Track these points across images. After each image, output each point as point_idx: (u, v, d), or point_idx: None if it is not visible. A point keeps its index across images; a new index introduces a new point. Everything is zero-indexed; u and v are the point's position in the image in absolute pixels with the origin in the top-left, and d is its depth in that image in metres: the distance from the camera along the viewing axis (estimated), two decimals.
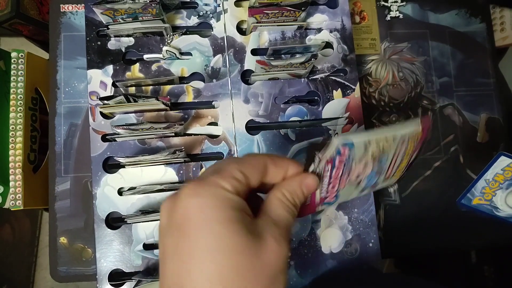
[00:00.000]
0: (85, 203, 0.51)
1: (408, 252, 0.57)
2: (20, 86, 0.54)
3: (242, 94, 0.48)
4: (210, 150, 0.48)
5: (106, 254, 0.44)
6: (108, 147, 0.46)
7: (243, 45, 0.50)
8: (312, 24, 0.51)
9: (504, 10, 0.65)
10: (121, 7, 0.44)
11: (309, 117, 0.49)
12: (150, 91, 0.48)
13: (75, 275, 0.50)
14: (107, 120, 0.47)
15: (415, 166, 0.58)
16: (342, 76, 0.50)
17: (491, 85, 0.61)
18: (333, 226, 0.48)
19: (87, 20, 0.48)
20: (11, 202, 0.52)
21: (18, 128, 0.53)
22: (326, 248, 0.47)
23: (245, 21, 0.50)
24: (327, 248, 0.47)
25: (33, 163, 0.56)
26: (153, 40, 0.49)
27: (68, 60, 0.53)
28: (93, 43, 0.47)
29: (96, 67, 0.47)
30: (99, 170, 0.45)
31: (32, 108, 0.56)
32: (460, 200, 0.52)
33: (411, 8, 0.61)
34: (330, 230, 0.48)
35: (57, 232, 0.50)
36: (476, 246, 0.59)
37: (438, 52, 0.60)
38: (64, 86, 0.52)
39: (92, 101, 0.47)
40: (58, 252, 0.50)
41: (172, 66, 0.48)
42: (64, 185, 0.51)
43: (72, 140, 0.52)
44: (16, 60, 0.55)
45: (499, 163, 0.49)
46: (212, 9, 0.50)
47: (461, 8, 0.62)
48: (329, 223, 0.48)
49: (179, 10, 0.50)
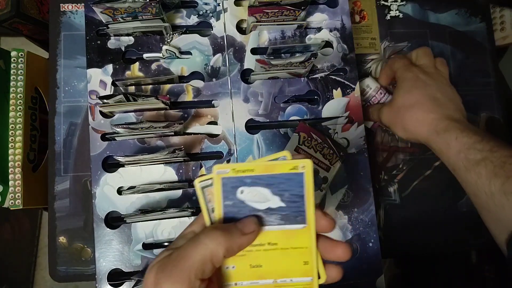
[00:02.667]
0: (85, 202, 0.51)
1: (408, 252, 0.56)
2: (20, 85, 0.54)
3: (241, 93, 0.48)
4: (209, 149, 0.48)
5: (106, 253, 0.44)
6: (107, 146, 0.46)
7: (243, 44, 0.50)
8: (312, 23, 0.51)
9: (504, 9, 0.65)
10: (121, 6, 0.44)
11: (309, 117, 0.49)
12: (149, 90, 0.48)
13: (75, 274, 0.50)
14: (107, 119, 0.46)
15: (415, 165, 0.58)
16: (342, 75, 0.50)
17: (491, 85, 0.61)
18: None
19: (87, 19, 0.48)
20: (11, 201, 0.52)
21: (17, 127, 0.53)
22: None
23: (245, 20, 0.50)
24: None
25: (33, 162, 0.55)
26: (153, 39, 0.49)
27: (68, 59, 0.53)
28: (93, 42, 0.47)
29: (96, 66, 0.47)
30: (99, 169, 0.45)
31: (32, 107, 0.56)
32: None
33: (411, 7, 0.61)
34: None
35: (57, 232, 0.50)
36: (476, 246, 0.59)
37: (438, 52, 0.60)
38: (63, 85, 0.52)
39: (92, 100, 0.47)
40: (57, 252, 0.50)
41: (172, 65, 0.48)
42: (64, 185, 0.51)
43: (71, 139, 0.52)
44: (16, 59, 0.55)
45: None
46: (212, 8, 0.50)
47: (461, 8, 0.62)
48: None
49: (179, 9, 0.50)
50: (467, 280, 0.79)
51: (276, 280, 0.28)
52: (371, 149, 0.56)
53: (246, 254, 0.28)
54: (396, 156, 0.57)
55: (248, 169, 0.28)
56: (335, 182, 0.48)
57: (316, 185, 0.47)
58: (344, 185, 0.48)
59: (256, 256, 0.28)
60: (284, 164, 0.28)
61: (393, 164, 0.57)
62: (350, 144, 0.49)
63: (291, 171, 0.28)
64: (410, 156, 0.57)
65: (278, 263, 0.28)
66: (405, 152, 0.57)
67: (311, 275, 0.28)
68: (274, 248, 0.28)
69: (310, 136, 0.48)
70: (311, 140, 0.48)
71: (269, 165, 0.28)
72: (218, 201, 0.28)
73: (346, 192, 0.48)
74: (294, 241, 0.28)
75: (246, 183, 0.28)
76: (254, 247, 0.28)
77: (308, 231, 0.28)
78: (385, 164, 0.57)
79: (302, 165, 0.28)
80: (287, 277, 0.28)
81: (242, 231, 0.27)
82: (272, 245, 0.28)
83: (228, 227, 0.27)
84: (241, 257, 0.28)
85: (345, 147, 0.49)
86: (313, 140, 0.48)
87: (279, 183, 0.28)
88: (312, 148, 0.48)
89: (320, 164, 0.47)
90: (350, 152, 0.49)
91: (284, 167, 0.28)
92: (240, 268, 0.28)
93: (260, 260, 0.28)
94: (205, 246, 0.26)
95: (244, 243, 0.27)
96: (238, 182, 0.28)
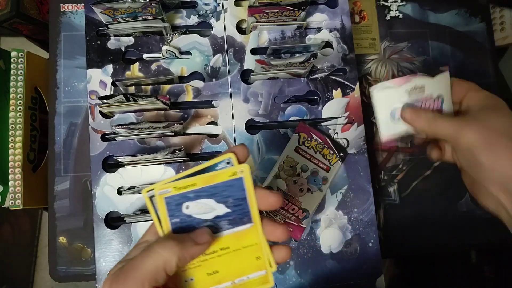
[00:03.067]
0: (85, 202, 0.51)
1: (408, 252, 0.56)
2: (20, 85, 0.54)
3: (241, 94, 0.48)
4: (209, 149, 0.48)
5: (106, 253, 0.44)
6: (107, 147, 0.46)
7: (242, 45, 0.50)
8: (311, 23, 0.51)
9: (504, 9, 0.65)
10: (121, 7, 0.44)
11: (308, 117, 0.49)
12: (149, 90, 0.48)
13: (74, 274, 0.50)
14: (107, 119, 0.46)
15: (415, 166, 0.58)
16: (341, 75, 0.50)
17: (491, 85, 0.61)
18: (333, 226, 0.48)
19: (87, 20, 0.48)
20: (11, 201, 0.52)
21: (17, 127, 0.53)
22: (326, 248, 0.47)
23: (244, 20, 0.50)
24: (326, 248, 0.47)
25: (33, 162, 0.55)
26: (153, 39, 0.49)
27: (68, 60, 0.53)
28: (93, 43, 0.47)
29: (95, 67, 0.47)
30: (99, 170, 0.45)
31: (32, 108, 0.56)
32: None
33: (411, 7, 0.61)
34: (329, 230, 0.48)
35: (57, 232, 0.50)
36: (476, 246, 0.59)
37: (438, 52, 0.60)
38: (63, 86, 0.52)
39: (92, 101, 0.47)
40: (57, 252, 0.50)
41: (172, 66, 0.48)
42: (64, 185, 0.51)
43: (71, 140, 0.52)
44: (16, 59, 0.55)
45: None
46: (212, 8, 0.50)
47: (461, 8, 0.62)
48: (329, 223, 0.48)
49: (178, 9, 0.50)
50: (467, 280, 0.79)
51: (234, 281, 0.30)
52: (371, 149, 0.56)
53: (201, 264, 0.29)
54: (396, 156, 0.57)
55: (190, 184, 0.28)
56: (335, 182, 0.48)
57: (316, 185, 0.47)
58: (344, 185, 0.48)
59: (211, 263, 0.29)
60: (223, 172, 0.29)
61: (393, 164, 0.57)
62: (350, 144, 0.49)
63: (231, 177, 0.29)
64: (410, 157, 0.57)
65: (233, 265, 0.30)
66: (405, 152, 0.58)
67: (264, 268, 0.30)
68: (227, 252, 0.30)
69: (310, 136, 0.48)
70: (311, 140, 0.48)
71: (209, 177, 0.28)
72: (165, 220, 0.29)
73: (346, 192, 0.48)
74: (244, 241, 0.30)
75: (190, 197, 0.28)
76: (208, 255, 0.29)
77: (255, 228, 0.29)
78: (385, 164, 0.57)
79: (241, 170, 0.29)
80: (244, 275, 0.30)
81: (195, 241, 0.28)
82: (225, 250, 0.30)
83: (182, 237, 0.28)
84: (197, 268, 0.29)
85: (345, 147, 0.49)
86: (313, 140, 0.48)
87: (221, 191, 0.29)
88: (312, 148, 0.48)
89: (320, 164, 0.48)
90: (350, 152, 0.49)
91: (224, 175, 0.29)
92: (198, 279, 0.29)
93: (216, 266, 0.29)
94: (158, 254, 0.26)
95: (196, 252, 0.28)
96: (181, 198, 0.28)
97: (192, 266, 0.29)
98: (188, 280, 0.29)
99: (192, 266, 0.29)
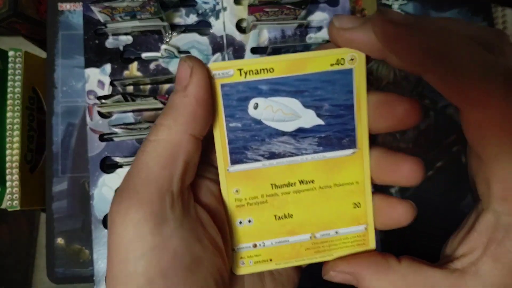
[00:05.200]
0: (83, 203, 0.50)
1: (408, 253, 0.56)
2: (17, 85, 0.54)
3: None
4: None
5: (104, 255, 0.44)
6: (105, 147, 0.45)
7: (242, 44, 0.49)
8: (312, 22, 0.51)
9: (506, 9, 0.64)
10: (119, 5, 0.43)
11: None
12: (148, 90, 0.47)
13: (72, 276, 0.50)
14: (105, 119, 0.46)
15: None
16: None
17: None
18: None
19: (85, 19, 0.47)
20: (8, 202, 0.52)
21: (15, 127, 0.53)
22: None
23: (244, 19, 0.50)
24: None
25: (30, 163, 0.55)
26: (152, 38, 0.48)
27: (65, 59, 0.52)
28: (91, 42, 0.47)
29: (93, 66, 0.47)
30: (97, 170, 0.45)
31: (30, 108, 0.56)
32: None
33: (413, 6, 0.60)
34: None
35: (54, 233, 0.50)
36: None
37: None
38: (61, 85, 0.52)
39: (90, 100, 0.46)
40: (55, 253, 0.50)
41: (171, 65, 0.48)
42: (61, 185, 0.51)
43: (69, 140, 0.51)
44: (13, 59, 0.54)
45: None
46: (211, 7, 0.50)
47: (463, 7, 0.62)
48: None
49: (177, 8, 0.49)
50: None
51: (314, 235, 0.21)
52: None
53: (268, 201, 0.20)
54: None
55: (264, 68, 0.19)
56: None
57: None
58: None
59: (283, 202, 0.20)
60: (321, 57, 0.19)
61: None
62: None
63: (333, 68, 0.19)
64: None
65: (316, 209, 0.20)
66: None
67: (364, 222, 0.21)
68: (310, 188, 0.20)
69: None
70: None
71: (297, 61, 0.19)
72: (220, 122, 0.19)
73: None
74: (338, 176, 0.20)
75: (262, 91, 0.19)
76: (280, 189, 0.20)
77: (359, 158, 0.20)
78: None
79: (351, 57, 0.18)
80: (330, 228, 0.21)
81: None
82: (306, 184, 0.20)
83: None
84: (261, 206, 0.20)
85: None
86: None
87: (314, 89, 0.19)
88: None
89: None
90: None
91: (322, 62, 0.19)
92: (260, 222, 0.20)
93: (290, 207, 0.20)
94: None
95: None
96: (249, 90, 0.19)
97: (253, 202, 0.20)
98: (244, 222, 0.20)
99: (253, 202, 0.20)
